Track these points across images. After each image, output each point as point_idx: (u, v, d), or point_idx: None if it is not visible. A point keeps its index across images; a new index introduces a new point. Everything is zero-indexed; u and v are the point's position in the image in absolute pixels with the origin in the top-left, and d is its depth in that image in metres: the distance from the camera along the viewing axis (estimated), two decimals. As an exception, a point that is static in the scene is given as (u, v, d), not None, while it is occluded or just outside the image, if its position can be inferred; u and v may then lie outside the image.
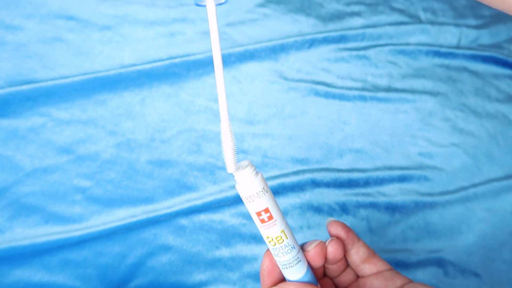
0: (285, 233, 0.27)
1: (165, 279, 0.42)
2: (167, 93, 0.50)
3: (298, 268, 0.28)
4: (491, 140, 0.49)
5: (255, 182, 0.26)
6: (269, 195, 0.27)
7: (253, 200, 0.26)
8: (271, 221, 0.27)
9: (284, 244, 0.27)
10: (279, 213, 0.27)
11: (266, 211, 0.27)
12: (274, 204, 0.27)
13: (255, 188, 0.26)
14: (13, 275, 0.41)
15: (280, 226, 0.27)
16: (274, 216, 0.27)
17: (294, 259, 0.28)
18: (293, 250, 0.28)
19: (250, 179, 0.26)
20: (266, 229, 0.27)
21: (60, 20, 0.53)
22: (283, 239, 0.27)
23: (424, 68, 0.53)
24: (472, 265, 0.43)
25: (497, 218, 0.45)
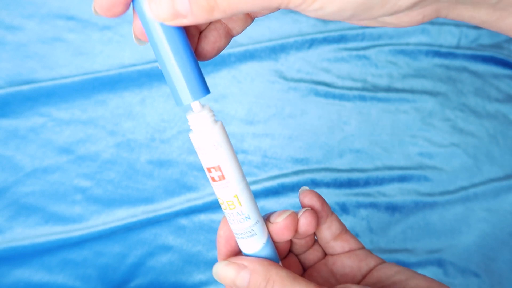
0: (239, 200, 0.23)
1: (165, 279, 0.42)
2: (167, 93, 0.50)
3: (253, 241, 0.25)
4: (491, 140, 0.49)
5: (211, 131, 0.22)
6: (227, 151, 0.22)
7: (205, 153, 0.22)
8: (222, 181, 0.23)
9: (236, 211, 0.24)
10: (236, 174, 0.23)
11: (217, 169, 0.23)
12: (230, 163, 0.23)
13: (209, 138, 0.22)
14: (13, 275, 0.41)
15: (234, 190, 0.23)
16: (226, 176, 0.23)
17: (248, 231, 0.24)
18: (247, 221, 0.24)
19: (206, 125, 0.22)
20: (217, 189, 0.23)
21: (60, 20, 0.53)
22: (235, 206, 0.24)
23: (424, 68, 0.53)
24: (472, 265, 0.43)
25: (497, 218, 0.45)
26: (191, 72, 0.20)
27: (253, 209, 0.24)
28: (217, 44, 0.24)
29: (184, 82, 0.20)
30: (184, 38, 0.21)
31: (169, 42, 0.20)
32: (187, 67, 0.20)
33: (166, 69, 0.20)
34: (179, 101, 0.21)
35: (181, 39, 0.20)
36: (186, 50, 0.20)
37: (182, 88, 0.20)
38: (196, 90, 0.21)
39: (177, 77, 0.20)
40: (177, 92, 0.20)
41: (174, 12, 0.19)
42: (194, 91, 0.20)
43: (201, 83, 0.21)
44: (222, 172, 0.23)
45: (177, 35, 0.20)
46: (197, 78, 0.21)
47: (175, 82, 0.20)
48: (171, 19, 0.19)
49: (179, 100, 0.21)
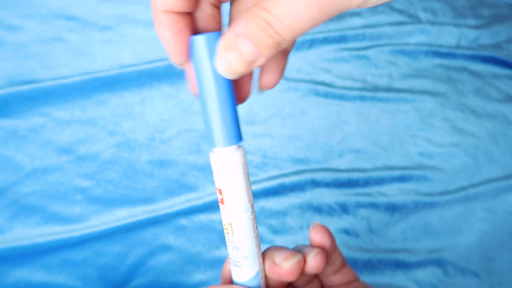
0: (232, 228, 0.24)
1: (165, 279, 0.42)
2: (167, 93, 0.50)
3: (238, 271, 0.25)
4: (491, 140, 0.49)
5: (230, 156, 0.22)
6: (233, 180, 0.23)
7: (215, 173, 0.23)
8: (222, 205, 0.23)
9: (228, 238, 0.24)
10: (236, 205, 0.23)
11: (219, 192, 0.23)
12: (233, 193, 0.23)
13: (220, 163, 0.23)
14: (13, 275, 0.41)
15: (229, 218, 0.24)
16: (225, 202, 0.23)
17: (234, 260, 0.25)
18: (235, 251, 0.24)
19: (227, 152, 0.22)
20: (221, 210, 0.24)
21: (60, 20, 0.53)
22: (228, 232, 0.24)
23: (424, 68, 0.53)
24: (472, 265, 0.43)
25: (497, 218, 0.45)
26: (231, 120, 0.22)
27: (246, 246, 0.24)
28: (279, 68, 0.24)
29: (223, 129, 0.22)
30: (231, 87, 0.22)
31: (218, 92, 0.21)
32: (228, 116, 0.22)
33: (208, 115, 0.22)
34: (212, 143, 0.22)
35: (229, 88, 0.22)
36: (231, 99, 0.22)
37: (218, 133, 0.22)
38: (232, 137, 0.22)
39: (217, 124, 0.22)
40: (212, 136, 0.22)
41: (246, 62, 0.20)
42: (229, 137, 0.22)
43: (237, 131, 0.22)
44: (223, 197, 0.23)
45: (226, 85, 0.21)
46: (235, 126, 0.22)
47: (213, 127, 0.22)
48: (245, 69, 0.20)
49: (213, 143, 0.22)
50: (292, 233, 0.45)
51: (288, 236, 0.44)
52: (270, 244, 0.44)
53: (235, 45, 0.19)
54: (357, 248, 0.44)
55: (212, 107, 0.21)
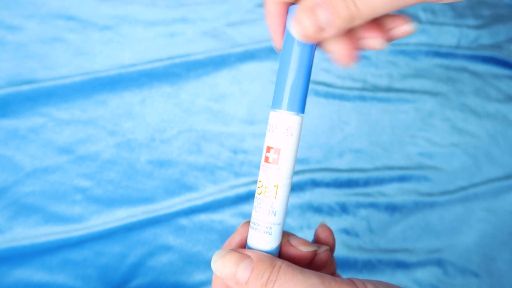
0: (277, 192, 0.23)
1: (165, 279, 0.42)
2: (167, 93, 0.50)
3: (264, 239, 0.24)
4: (491, 140, 0.49)
5: (292, 117, 0.23)
6: (293, 143, 0.23)
7: (274, 132, 0.23)
8: (274, 165, 0.23)
9: (267, 201, 0.24)
10: (288, 168, 0.23)
11: (276, 151, 0.23)
12: (290, 156, 0.23)
13: (287, 122, 0.23)
14: (13, 275, 0.41)
15: (278, 180, 0.23)
16: (280, 163, 0.23)
17: (266, 226, 0.24)
18: (271, 216, 0.24)
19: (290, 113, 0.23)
20: (265, 170, 0.24)
21: (60, 20, 0.53)
22: (271, 195, 0.23)
23: (424, 68, 0.53)
24: (472, 265, 0.43)
25: (497, 218, 0.45)
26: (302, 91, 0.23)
27: (282, 210, 0.24)
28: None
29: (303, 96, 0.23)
30: (311, 59, 0.23)
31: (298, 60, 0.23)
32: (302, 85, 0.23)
33: (285, 79, 0.23)
34: (279, 106, 0.23)
35: (308, 59, 0.23)
36: (308, 70, 0.23)
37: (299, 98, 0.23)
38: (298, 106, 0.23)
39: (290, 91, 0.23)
40: (293, 98, 0.23)
41: (317, 28, 0.20)
42: (301, 105, 0.23)
43: (303, 103, 0.23)
44: (279, 157, 0.23)
45: (308, 56, 0.23)
46: (304, 99, 0.23)
47: (299, 92, 0.23)
48: (315, 34, 0.21)
49: (280, 105, 0.23)
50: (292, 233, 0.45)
51: (288, 236, 0.44)
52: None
53: (312, 9, 0.20)
54: (357, 248, 0.44)
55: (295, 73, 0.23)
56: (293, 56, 0.23)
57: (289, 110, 0.23)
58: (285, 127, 0.23)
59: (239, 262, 0.23)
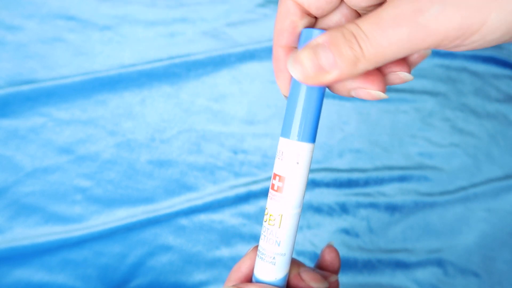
0: (281, 221, 0.23)
1: (165, 279, 0.42)
2: (167, 93, 0.50)
3: (269, 269, 0.24)
4: (491, 140, 0.49)
5: (303, 147, 0.22)
6: (301, 174, 0.23)
7: (282, 160, 0.23)
8: (279, 194, 0.23)
9: (272, 230, 0.23)
10: (294, 199, 0.23)
11: (281, 179, 0.23)
12: (296, 186, 0.23)
13: (296, 152, 0.22)
14: (13, 275, 0.41)
15: (282, 210, 0.23)
16: (284, 192, 0.23)
17: (271, 256, 0.23)
18: (275, 246, 0.23)
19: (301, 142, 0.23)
20: (270, 198, 0.23)
21: (60, 20, 0.53)
22: (275, 224, 0.23)
23: (424, 68, 0.53)
24: (472, 265, 0.43)
25: (497, 218, 0.45)
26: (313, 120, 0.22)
27: (287, 241, 0.24)
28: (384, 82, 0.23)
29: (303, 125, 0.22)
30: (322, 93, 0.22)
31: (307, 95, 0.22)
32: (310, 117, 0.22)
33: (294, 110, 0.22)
34: (288, 135, 0.23)
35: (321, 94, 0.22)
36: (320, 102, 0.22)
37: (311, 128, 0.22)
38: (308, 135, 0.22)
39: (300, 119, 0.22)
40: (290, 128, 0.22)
41: (318, 69, 0.19)
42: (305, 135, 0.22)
43: (314, 132, 0.23)
44: (284, 185, 0.23)
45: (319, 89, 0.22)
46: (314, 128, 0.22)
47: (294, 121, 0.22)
48: (316, 76, 0.19)
49: (289, 134, 0.22)
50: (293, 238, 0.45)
51: (288, 236, 0.44)
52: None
53: (315, 50, 0.19)
54: (357, 248, 0.44)
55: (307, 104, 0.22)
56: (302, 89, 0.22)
57: (299, 140, 0.22)
58: (293, 155, 0.22)
59: None
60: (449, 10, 0.17)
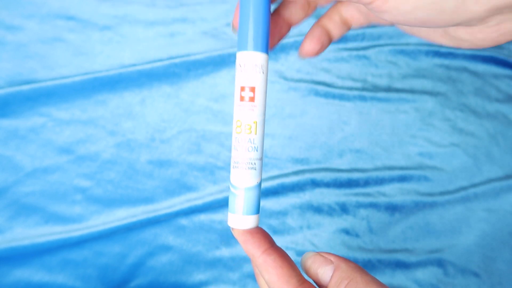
0: (256, 128, 0.24)
1: (165, 279, 0.42)
2: (167, 93, 0.50)
3: (249, 175, 0.25)
4: (491, 140, 0.49)
5: (261, 56, 0.24)
6: (264, 80, 0.24)
7: (246, 71, 0.24)
8: (250, 103, 0.24)
9: (248, 138, 0.24)
10: (262, 105, 0.25)
11: (251, 90, 0.24)
12: (263, 92, 0.24)
13: (257, 60, 0.24)
14: (13, 275, 0.41)
15: (256, 117, 0.24)
16: (256, 100, 0.24)
17: (250, 162, 0.25)
18: (254, 151, 0.25)
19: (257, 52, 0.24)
20: (241, 109, 0.24)
21: (60, 20, 0.53)
22: (251, 132, 0.24)
23: (424, 68, 0.53)
24: (472, 265, 0.43)
25: (497, 218, 0.45)
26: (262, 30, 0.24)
27: (262, 147, 0.25)
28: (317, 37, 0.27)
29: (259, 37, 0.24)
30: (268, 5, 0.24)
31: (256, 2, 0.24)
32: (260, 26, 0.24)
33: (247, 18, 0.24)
34: (245, 47, 0.24)
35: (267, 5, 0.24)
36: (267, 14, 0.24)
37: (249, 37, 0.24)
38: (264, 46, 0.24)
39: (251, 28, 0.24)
40: (260, 40, 0.24)
41: None
42: (262, 46, 0.24)
43: (268, 43, 0.25)
44: (254, 95, 0.24)
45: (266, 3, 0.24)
46: (267, 39, 0.24)
47: (248, 31, 0.24)
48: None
49: (247, 46, 0.24)
50: (292, 233, 0.45)
51: (288, 236, 0.44)
52: (270, 244, 0.44)
53: None
54: (357, 248, 0.44)
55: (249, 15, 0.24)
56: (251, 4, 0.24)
57: (256, 50, 0.24)
58: (255, 65, 0.24)
59: (322, 265, 0.24)
60: None
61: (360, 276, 0.23)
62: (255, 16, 0.24)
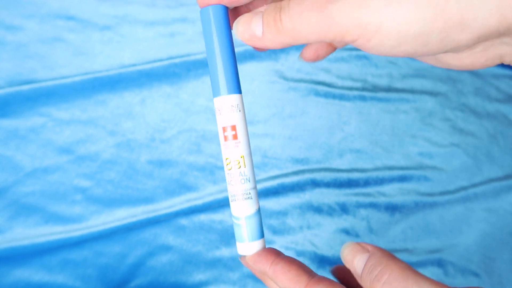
0: (245, 161, 0.26)
1: (165, 279, 0.42)
2: (167, 93, 0.50)
3: (248, 204, 0.27)
4: (491, 140, 0.49)
5: (233, 97, 0.26)
6: (243, 116, 0.26)
7: (224, 113, 0.26)
8: (234, 141, 0.26)
9: (239, 172, 0.26)
10: (245, 139, 0.26)
11: (232, 128, 0.26)
12: (243, 128, 0.26)
13: (231, 101, 0.26)
14: (13, 275, 0.41)
15: (242, 151, 0.26)
16: (239, 137, 0.26)
17: (246, 192, 0.27)
18: (247, 183, 0.27)
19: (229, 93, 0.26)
20: (228, 148, 0.26)
21: (60, 20, 0.53)
22: (240, 166, 0.26)
23: (424, 68, 0.53)
24: (472, 265, 0.43)
25: (497, 218, 0.45)
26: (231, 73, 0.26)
27: (253, 175, 0.27)
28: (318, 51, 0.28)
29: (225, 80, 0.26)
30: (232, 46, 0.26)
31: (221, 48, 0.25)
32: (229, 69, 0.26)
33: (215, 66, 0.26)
34: (219, 93, 0.26)
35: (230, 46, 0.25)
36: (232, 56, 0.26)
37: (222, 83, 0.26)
38: (237, 88, 0.26)
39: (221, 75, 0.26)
40: (231, 84, 0.26)
41: (251, 35, 0.22)
42: (235, 88, 0.26)
43: (239, 85, 0.26)
44: (236, 132, 0.26)
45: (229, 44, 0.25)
46: (237, 81, 0.26)
47: (219, 78, 0.26)
48: (249, 40, 0.22)
49: (220, 92, 0.26)
50: (292, 233, 0.45)
51: (288, 236, 0.44)
52: (270, 244, 0.44)
53: (252, 16, 0.22)
54: (357, 248, 0.44)
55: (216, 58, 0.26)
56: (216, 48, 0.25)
57: (230, 93, 0.26)
58: (232, 106, 0.26)
59: (358, 253, 0.24)
60: (353, 7, 0.18)
61: (394, 263, 0.23)
62: (223, 63, 0.25)
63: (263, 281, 0.27)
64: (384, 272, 0.22)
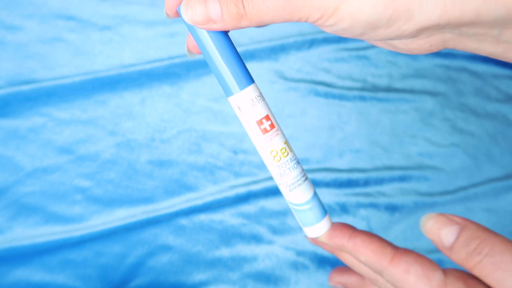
0: (289, 145, 0.25)
1: (165, 279, 0.42)
2: (167, 93, 0.50)
3: (305, 187, 0.25)
4: (491, 140, 0.49)
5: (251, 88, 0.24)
6: (265, 102, 0.25)
7: (252, 108, 0.24)
8: (273, 130, 0.24)
9: (288, 158, 0.24)
10: (277, 124, 0.25)
11: (267, 118, 0.24)
12: (271, 113, 0.25)
13: (249, 94, 0.24)
14: (13, 275, 0.41)
15: (284, 137, 0.25)
16: (275, 124, 0.24)
17: (301, 176, 0.25)
18: (298, 165, 0.25)
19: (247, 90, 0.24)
20: (269, 140, 0.24)
21: (60, 20, 0.53)
22: (288, 152, 0.24)
23: (424, 68, 0.53)
24: (472, 265, 0.43)
25: (497, 218, 0.45)
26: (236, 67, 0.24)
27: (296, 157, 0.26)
28: None
29: (231, 76, 0.24)
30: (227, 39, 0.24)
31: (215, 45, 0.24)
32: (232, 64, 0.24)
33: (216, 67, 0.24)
34: (229, 92, 0.24)
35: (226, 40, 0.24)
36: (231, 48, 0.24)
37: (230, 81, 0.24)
38: (242, 81, 0.24)
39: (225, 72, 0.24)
40: (226, 85, 0.24)
41: (206, 17, 0.21)
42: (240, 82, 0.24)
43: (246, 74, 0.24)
44: (271, 121, 0.24)
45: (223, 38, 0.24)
46: (243, 71, 0.24)
47: (224, 77, 0.24)
48: (204, 23, 0.22)
49: (229, 91, 0.24)
50: (292, 233, 0.45)
51: (288, 236, 0.44)
52: (270, 244, 0.44)
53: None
54: (357, 248, 0.44)
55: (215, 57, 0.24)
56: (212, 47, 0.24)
57: (242, 88, 0.24)
58: (252, 99, 0.24)
59: (445, 226, 0.23)
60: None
61: (494, 236, 0.22)
62: (225, 60, 0.24)
63: (338, 257, 0.26)
64: (486, 244, 0.21)
